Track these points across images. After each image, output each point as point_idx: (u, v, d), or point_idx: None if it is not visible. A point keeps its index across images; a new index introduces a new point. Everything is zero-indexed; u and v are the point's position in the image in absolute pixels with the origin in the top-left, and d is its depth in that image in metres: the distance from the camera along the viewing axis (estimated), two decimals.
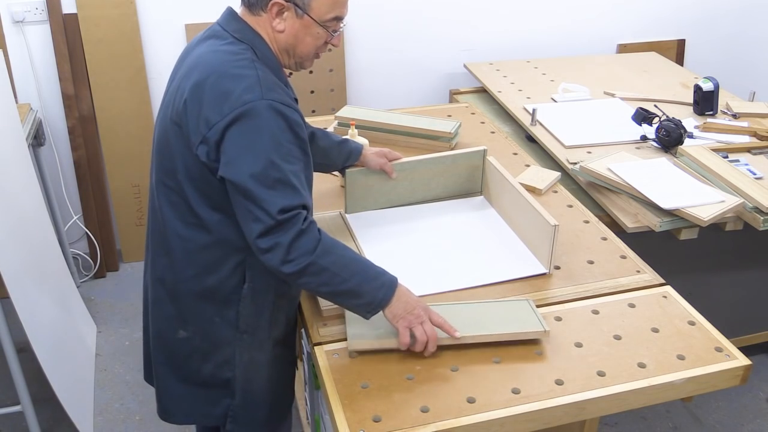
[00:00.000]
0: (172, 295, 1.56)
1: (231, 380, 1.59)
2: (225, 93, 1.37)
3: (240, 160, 1.36)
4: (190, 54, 1.50)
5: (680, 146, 2.36)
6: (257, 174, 1.35)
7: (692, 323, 1.59)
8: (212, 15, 3.14)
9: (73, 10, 2.90)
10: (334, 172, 2.04)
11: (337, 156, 1.92)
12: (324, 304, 1.60)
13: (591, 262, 1.80)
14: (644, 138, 2.49)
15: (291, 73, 1.58)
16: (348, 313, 1.52)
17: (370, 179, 1.98)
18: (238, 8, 1.51)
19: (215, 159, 1.39)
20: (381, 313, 1.45)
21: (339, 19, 1.48)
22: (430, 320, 1.45)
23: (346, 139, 1.95)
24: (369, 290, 1.42)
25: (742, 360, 1.49)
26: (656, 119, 2.48)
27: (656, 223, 2.00)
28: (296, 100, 1.54)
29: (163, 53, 3.06)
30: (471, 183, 2.09)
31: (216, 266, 1.50)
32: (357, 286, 1.41)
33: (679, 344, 1.53)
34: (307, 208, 1.40)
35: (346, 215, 1.96)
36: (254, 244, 1.38)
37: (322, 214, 1.94)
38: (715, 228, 2.08)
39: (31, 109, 2.88)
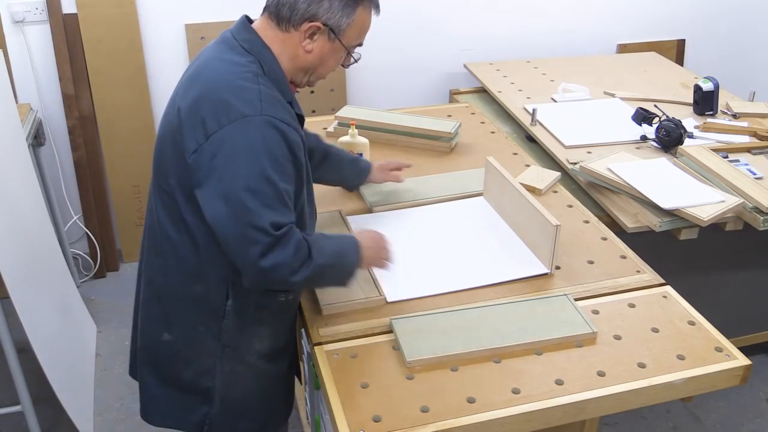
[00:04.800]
0: (160, 297, 1.56)
1: (210, 389, 1.57)
2: (224, 104, 1.35)
3: (234, 173, 1.33)
4: (199, 58, 1.49)
5: (680, 146, 2.36)
6: (252, 188, 1.33)
7: (692, 323, 1.59)
8: (212, 15, 3.15)
9: (73, 10, 2.90)
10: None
11: (349, 174, 1.97)
12: (324, 303, 1.60)
13: (591, 262, 1.80)
14: (644, 138, 2.49)
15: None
16: (397, 327, 1.53)
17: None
18: (259, 18, 1.49)
19: (206, 170, 1.35)
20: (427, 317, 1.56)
21: (360, 44, 1.53)
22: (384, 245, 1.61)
23: (357, 159, 1.99)
24: (350, 263, 1.50)
25: (742, 360, 1.49)
26: (656, 119, 2.48)
27: (656, 223, 2.00)
28: (302, 117, 1.53)
29: (163, 53, 3.06)
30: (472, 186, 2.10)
31: (203, 274, 1.48)
32: (344, 266, 1.49)
33: (679, 344, 1.53)
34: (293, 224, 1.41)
35: (346, 216, 1.96)
36: (255, 268, 1.34)
37: (321, 214, 1.94)
38: (715, 228, 2.08)
39: (31, 109, 2.88)
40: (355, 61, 1.56)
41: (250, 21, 1.50)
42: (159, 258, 1.54)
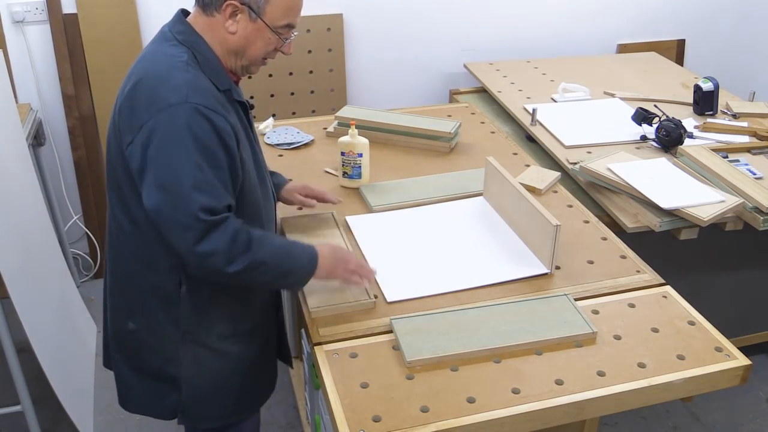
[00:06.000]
0: (121, 287, 1.59)
1: (176, 377, 1.59)
2: (153, 95, 1.39)
3: (165, 161, 1.36)
4: (140, 55, 1.54)
5: (680, 146, 2.36)
6: (182, 174, 1.35)
7: (692, 323, 1.59)
8: None
9: (73, 10, 2.90)
10: (330, 171, 2.04)
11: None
12: (324, 303, 1.60)
13: (591, 262, 1.80)
14: (644, 138, 2.49)
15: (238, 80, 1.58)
16: (398, 327, 1.53)
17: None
18: (192, 9, 1.52)
19: (141, 161, 1.38)
20: (430, 324, 1.54)
21: (291, 27, 1.50)
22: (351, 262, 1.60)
23: (272, 173, 1.88)
24: (299, 267, 1.51)
25: (742, 360, 1.49)
26: (656, 119, 2.48)
27: (656, 223, 2.00)
28: (246, 105, 1.55)
29: None
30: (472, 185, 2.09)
31: (156, 263, 1.50)
32: (290, 267, 1.50)
33: (679, 344, 1.53)
34: (231, 209, 1.42)
35: (347, 217, 1.96)
36: (192, 254, 1.37)
37: (315, 215, 1.95)
38: (715, 228, 2.08)
39: (31, 109, 2.88)
40: (284, 43, 1.51)
41: (187, 14, 1.53)
42: (117, 249, 1.57)
